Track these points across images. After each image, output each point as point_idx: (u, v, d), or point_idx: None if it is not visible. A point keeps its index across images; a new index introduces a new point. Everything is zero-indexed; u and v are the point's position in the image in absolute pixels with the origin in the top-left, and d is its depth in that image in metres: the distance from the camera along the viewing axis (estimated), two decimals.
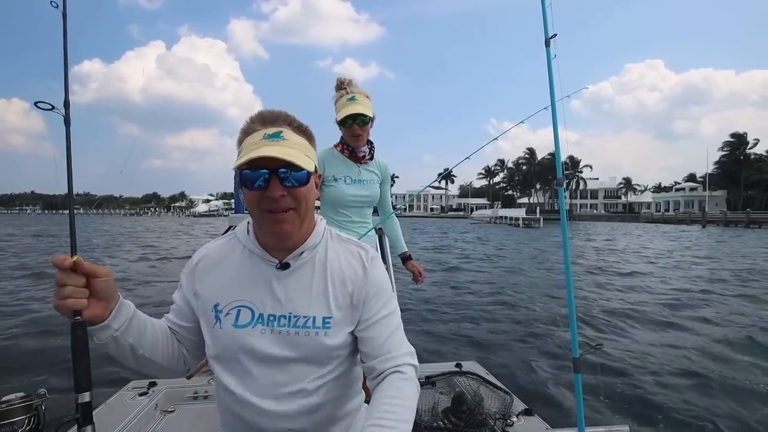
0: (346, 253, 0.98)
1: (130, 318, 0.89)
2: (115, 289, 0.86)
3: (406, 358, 0.95)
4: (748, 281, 9.38)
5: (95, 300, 0.83)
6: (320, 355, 0.92)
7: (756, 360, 4.28)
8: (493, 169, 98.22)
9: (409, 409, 0.87)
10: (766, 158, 60.46)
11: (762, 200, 57.60)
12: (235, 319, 0.91)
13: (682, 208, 67.02)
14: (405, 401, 0.88)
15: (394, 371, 0.93)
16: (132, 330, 0.89)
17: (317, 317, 0.91)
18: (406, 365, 0.94)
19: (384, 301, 0.97)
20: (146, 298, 7.27)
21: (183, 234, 27.89)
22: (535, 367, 4.09)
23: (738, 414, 3.17)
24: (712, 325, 5.68)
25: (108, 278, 0.84)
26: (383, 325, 0.95)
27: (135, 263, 12.31)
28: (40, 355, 4.25)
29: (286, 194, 0.85)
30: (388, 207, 2.29)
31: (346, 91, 1.94)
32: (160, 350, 0.96)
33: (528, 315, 6.18)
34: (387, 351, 0.94)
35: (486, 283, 9.10)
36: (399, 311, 1.01)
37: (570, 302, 1.50)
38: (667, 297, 7.45)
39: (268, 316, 0.91)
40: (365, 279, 0.95)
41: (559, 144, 1.45)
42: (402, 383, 0.91)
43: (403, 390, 0.90)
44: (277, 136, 0.85)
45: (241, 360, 0.91)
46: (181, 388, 2.21)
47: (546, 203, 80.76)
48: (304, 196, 0.87)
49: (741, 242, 22.19)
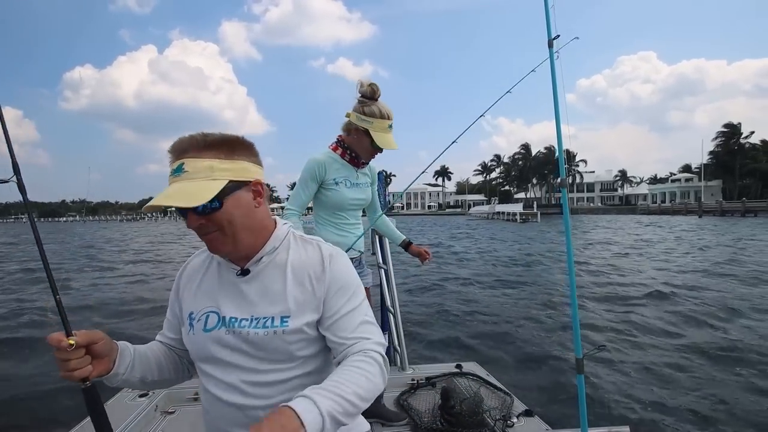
0: (306, 253, 1.00)
1: (132, 359, 0.97)
2: (111, 343, 0.92)
3: (372, 345, 0.91)
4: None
5: (98, 360, 0.89)
6: (282, 353, 0.94)
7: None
8: (490, 165, 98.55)
9: (366, 379, 0.83)
10: (761, 147, 60.78)
11: (757, 189, 57.98)
12: (204, 324, 0.97)
13: (678, 198, 67.35)
14: (363, 371, 0.84)
15: (358, 352, 0.90)
16: (136, 367, 0.98)
17: (276, 317, 0.94)
18: (372, 351, 0.90)
19: (348, 296, 0.96)
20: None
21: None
22: (535, 368, 4.08)
23: (738, 414, 3.17)
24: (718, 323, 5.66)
25: (104, 341, 0.90)
26: (348, 320, 0.94)
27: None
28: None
29: (204, 222, 0.88)
30: (378, 206, 2.29)
31: (387, 117, 1.90)
32: (165, 370, 1.05)
33: (528, 315, 6.16)
34: (353, 341, 0.92)
35: (485, 283, 9.10)
36: (367, 305, 0.99)
37: (573, 303, 1.49)
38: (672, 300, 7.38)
39: (230, 318, 0.95)
40: (324, 276, 0.96)
41: (561, 145, 1.44)
42: (365, 361, 0.87)
43: (365, 365, 0.86)
44: (179, 171, 0.87)
45: (211, 361, 0.96)
46: (181, 390, 2.21)
47: (543, 198, 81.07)
48: (224, 219, 0.89)
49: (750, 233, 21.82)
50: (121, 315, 6.69)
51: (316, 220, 2.07)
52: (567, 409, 3.11)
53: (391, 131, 1.93)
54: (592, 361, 3.99)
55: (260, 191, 0.95)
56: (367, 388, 0.82)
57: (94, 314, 6.64)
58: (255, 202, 0.94)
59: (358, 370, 0.84)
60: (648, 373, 3.96)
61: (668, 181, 79.91)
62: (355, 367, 0.84)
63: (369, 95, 1.88)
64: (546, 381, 3.76)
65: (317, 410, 0.73)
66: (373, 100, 1.89)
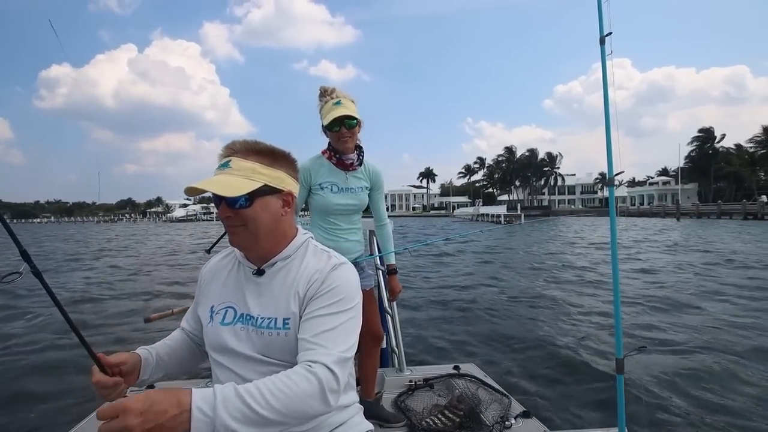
0: (315, 263, 1.04)
1: (154, 363, 1.07)
2: (133, 357, 1.02)
3: (324, 357, 0.86)
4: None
5: (127, 376, 1.00)
6: (286, 352, 0.98)
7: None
8: (473, 167, 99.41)
9: (292, 394, 0.78)
10: (734, 152, 62.71)
11: (731, 192, 59.74)
12: (222, 318, 1.05)
13: (656, 201, 69.01)
14: (293, 384, 0.80)
15: (303, 362, 0.86)
16: (159, 367, 1.09)
17: (278, 318, 0.99)
18: (319, 364, 0.85)
19: (332, 301, 0.96)
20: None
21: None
22: (533, 369, 4.09)
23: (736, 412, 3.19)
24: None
25: (128, 360, 1.00)
26: (318, 322, 0.93)
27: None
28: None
29: (232, 215, 0.97)
30: (382, 215, 2.25)
31: (331, 97, 1.92)
32: (186, 361, 1.17)
33: (526, 316, 6.19)
34: (311, 346, 0.89)
35: (480, 283, 9.13)
36: (352, 319, 0.97)
37: (616, 302, 1.50)
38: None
39: (246, 315, 1.02)
40: (322, 279, 0.99)
41: (610, 143, 1.46)
42: (298, 375, 0.82)
43: (292, 379, 0.81)
44: (225, 165, 0.97)
45: (225, 352, 1.03)
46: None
47: (525, 200, 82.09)
48: (250, 217, 0.96)
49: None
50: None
51: (311, 223, 2.08)
52: (565, 410, 3.13)
53: (342, 105, 1.89)
54: (592, 364, 4.03)
55: (290, 202, 1.04)
56: (288, 404, 0.78)
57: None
58: (282, 210, 1.03)
59: (290, 383, 0.80)
60: (649, 373, 3.91)
61: (646, 184, 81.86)
62: (288, 379, 0.81)
63: (321, 95, 1.96)
64: (544, 382, 3.77)
65: (213, 410, 0.71)
66: (327, 97, 1.94)
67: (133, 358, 1.02)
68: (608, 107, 1.47)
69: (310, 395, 0.81)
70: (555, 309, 6.56)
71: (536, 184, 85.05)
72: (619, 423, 1.50)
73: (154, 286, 9.31)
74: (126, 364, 0.99)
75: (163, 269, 12.48)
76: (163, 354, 1.10)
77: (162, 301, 7.71)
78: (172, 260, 15.11)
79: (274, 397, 0.77)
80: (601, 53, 1.49)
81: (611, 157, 1.49)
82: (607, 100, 1.48)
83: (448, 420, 2.01)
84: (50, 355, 4.61)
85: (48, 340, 5.13)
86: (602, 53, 1.49)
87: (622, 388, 1.48)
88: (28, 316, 6.43)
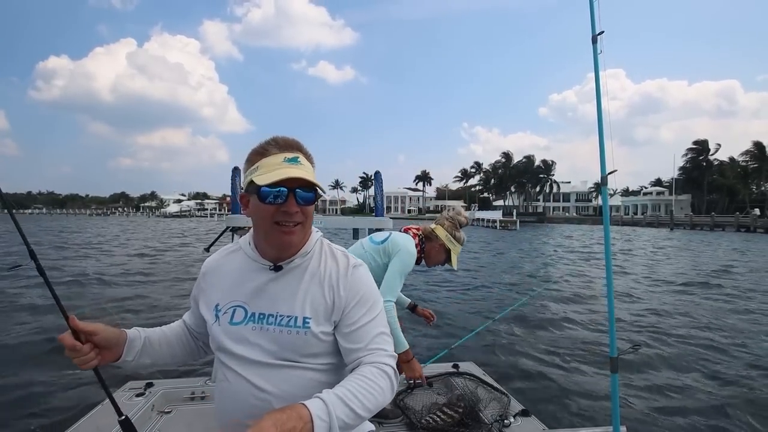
0: (332, 262, 1.06)
1: (141, 346, 1.08)
2: (115, 333, 1.03)
3: (386, 358, 0.97)
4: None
5: (105, 350, 1.01)
6: (301, 351, 0.99)
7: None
8: (470, 171, 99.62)
9: (377, 393, 0.89)
10: (728, 164, 63.31)
11: (723, 204, 60.28)
12: (231, 317, 1.03)
13: (650, 211, 69.45)
14: (375, 384, 0.89)
15: (372, 363, 0.95)
16: (146, 352, 1.09)
17: (298, 317, 0.99)
18: (385, 365, 0.96)
19: (366, 308, 1.02)
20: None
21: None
22: (532, 367, 4.11)
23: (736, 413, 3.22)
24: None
25: (102, 333, 1.00)
26: (366, 331, 1.00)
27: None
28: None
29: (298, 211, 0.98)
30: None
31: (464, 244, 2.22)
32: (178, 353, 1.17)
33: (524, 316, 6.22)
34: (368, 352, 0.98)
35: (480, 284, 9.16)
36: (383, 316, 1.05)
37: (609, 302, 1.52)
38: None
39: (258, 314, 1.01)
40: (345, 285, 1.02)
41: (603, 141, 1.48)
42: (378, 375, 0.92)
43: (373, 380, 0.91)
44: (296, 161, 0.98)
45: (232, 353, 1.01)
46: (177, 389, 2.21)
47: (521, 206, 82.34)
48: (309, 214, 1.01)
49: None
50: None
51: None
52: (563, 408, 3.15)
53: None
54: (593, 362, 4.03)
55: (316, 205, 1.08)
56: (376, 402, 0.88)
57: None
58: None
59: (372, 383, 0.89)
60: (648, 373, 3.99)
61: (640, 193, 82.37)
62: (369, 380, 0.90)
63: (462, 225, 2.19)
64: (543, 381, 3.79)
65: (328, 416, 0.79)
66: (461, 229, 2.18)
67: (116, 334, 1.03)
68: (600, 104, 1.52)
69: (387, 392, 0.92)
70: (555, 309, 6.59)
71: (531, 190, 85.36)
72: (614, 421, 1.52)
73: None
74: (98, 336, 0.99)
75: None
76: (154, 340, 1.11)
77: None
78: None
79: (366, 399, 0.86)
80: (593, 51, 1.55)
81: (603, 155, 1.53)
82: (599, 96, 1.52)
83: (448, 418, 2.01)
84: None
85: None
86: (594, 51, 1.55)
87: (616, 387, 1.50)
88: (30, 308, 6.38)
